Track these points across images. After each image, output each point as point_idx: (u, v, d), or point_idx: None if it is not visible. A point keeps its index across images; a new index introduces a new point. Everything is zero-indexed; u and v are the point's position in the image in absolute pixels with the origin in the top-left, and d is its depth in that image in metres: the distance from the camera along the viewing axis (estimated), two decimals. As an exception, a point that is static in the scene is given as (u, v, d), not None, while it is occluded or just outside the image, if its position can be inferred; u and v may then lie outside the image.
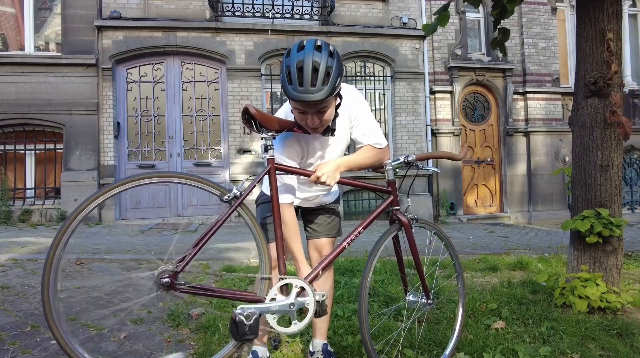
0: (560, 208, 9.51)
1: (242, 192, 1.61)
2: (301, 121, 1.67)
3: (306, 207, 2.03)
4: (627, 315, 2.76)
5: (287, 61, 1.56)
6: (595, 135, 2.93)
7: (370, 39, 8.64)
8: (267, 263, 1.67)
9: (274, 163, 1.69)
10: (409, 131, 8.79)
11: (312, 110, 1.59)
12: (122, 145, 7.88)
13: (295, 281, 1.67)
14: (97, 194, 1.49)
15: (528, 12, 9.47)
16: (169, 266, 1.51)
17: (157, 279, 1.48)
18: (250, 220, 1.66)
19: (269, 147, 1.67)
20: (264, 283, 1.66)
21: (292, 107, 1.67)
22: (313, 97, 1.51)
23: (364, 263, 4.00)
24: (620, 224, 2.81)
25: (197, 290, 1.59)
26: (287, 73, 1.55)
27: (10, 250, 4.73)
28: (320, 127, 1.69)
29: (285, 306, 1.62)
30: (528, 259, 4.32)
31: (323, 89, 1.52)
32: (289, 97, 1.56)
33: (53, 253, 1.41)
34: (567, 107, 9.53)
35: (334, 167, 1.74)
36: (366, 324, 1.74)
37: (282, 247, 1.70)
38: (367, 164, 1.88)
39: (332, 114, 1.69)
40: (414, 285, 2.12)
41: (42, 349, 2.20)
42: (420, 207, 8.61)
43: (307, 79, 1.50)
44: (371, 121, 1.87)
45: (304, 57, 1.52)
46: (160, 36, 7.86)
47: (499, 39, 3.52)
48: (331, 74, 1.53)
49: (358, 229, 1.83)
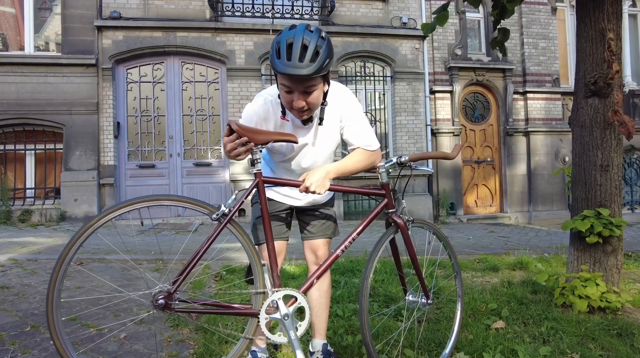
0: (560, 208, 9.51)
1: (231, 209, 1.60)
2: (287, 102, 1.65)
3: (300, 206, 2.01)
4: (627, 315, 2.76)
5: (277, 38, 1.57)
6: (595, 135, 2.93)
7: (370, 39, 8.64)
8: (260, 277, 1.66)
9: (261, 176, 1.68)
10: (409, 131, 8.79)
11: (299, 88, 1.58)
12: (122, 145, 7.89)
13: (289, 292, 1.67)
14: (92, 222, 1.50)
15: (528, 12, 9.46)
16: (164, 286, 1.54)
17: (153, 300, 1.53)
18: (242, 236, 1.65)
19: (255, 161, 1.66)
20: (258, 296, 1.65)
21: (279, 87, 1.65)
22: (300, 71, 1.51)
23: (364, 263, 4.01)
24: (620, 224, 2.81)
25: (192, 309, 1.67)
26: (276, 49, 1.55)
27: (10, 250, 4.73)
28: (306, 112, 1.66)
29: (279, 319, 1.64)
30: (528, 259, 4.32)
31: (311, 66, 1.52)
32: (276, 70, 1.55)
33: (57, 273, 1.42)
34: (567, 107, 9.53)
35: (322, 175, 1.71)
36: (367, 325, 1.74)
37: (275, 259, 1.69)
38: (358, 169, 1.83)
39: (319, 99, 1.67)
40: (414, 285, 2.12)
41: (42, 349, 2.20)
42: (420, 207, 8.62)
43: (295, 54, 1.51)
44: (363, 121, 1.84)
45: (295, 34, 1.54)
46: (160, 36, 7.86)
47: (499, 39, 3.52)
48: (320, 53, 1.54)
49: (352, 235, 1.82)
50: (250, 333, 1.66)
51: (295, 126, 1.79)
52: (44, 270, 3.88)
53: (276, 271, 1.68)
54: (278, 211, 1.97)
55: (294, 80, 1.55)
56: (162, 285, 1.55)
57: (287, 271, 3.86)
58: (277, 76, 1.61)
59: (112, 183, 7.55)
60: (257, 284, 1.65)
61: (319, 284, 1.95)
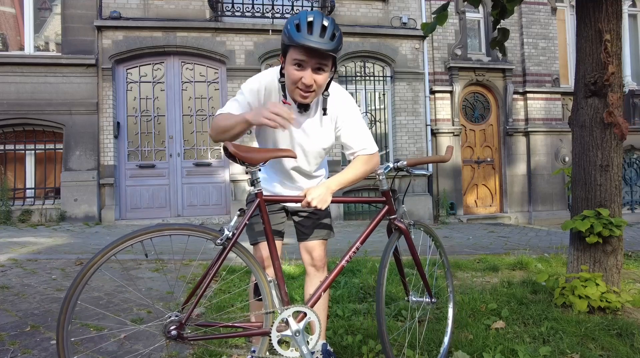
0: (560, 208, 9.51)
1: (235, 232, 1.58)
2: (294, 80, 1.62)
3: (294, 208, 1.99)
4: (627, 315, 2.76)
5: (294, 17, 1.59)
6: (595, 135, 2.93)
7: (370, 39, 8.64)
8: (268, 296, 1.65)
9: (262, 196, 1.66)
10: (408, 131, 8.79)
11: (313, 62, 1.58)
12: (122, 145, 7.89)
13: (298, 308, 1.67)
14: (105, 250, 1.47)
15: (528, 12, 9.46)
16: (175, 316, 1.53)
17: (165, 332, 1.52)
18: (247, 258, 1.64)
19: (255, 181, 1.65)
20: (268, 315, 1.65)
21: (287, 65, 1.63)
22: (320, 45, 1.53)
23: (364, 263, 4.01)
24: (620, 224, 2.81)
25: (206, 336, 1.68)
26: (295, 24, 1.55)
27: (10, 250, 4.74)
28: (310, 94, 1.65)
29: (290, 336, 1.65)
30: (528, 259, 4.32)
31: (330, 43, 1.55)
32: (296, 42, 1.53)
33: (67, 304, 1.42)
34: (567, 107, 9.53)
35: (324, 190, 1.69)
36: (385, 334, 1.76)
37: (282, 277, 1.69)
38: (359, 178, 1.81)
39: (325, 83, 1.67)
40: (415, 286, 2.13)
41: (42, 349, 2.20)
42: (420, 207, 8.62)
43: (316, 30, 1.54)
44: (361, 123, 1.82)
45: (315, 15, 1.56)
46: (160, 36, 7.86)
47: (499, 39, 3.52)
48: (336, 37, 1.57)
49: (356, 245, 1.82)
50: (263, 352, 1.66)
51: (297, 124, 1.78)
52: (44, 270, 3.88)
53: (284, 289, 1.68)
54: (273, 211, 1.95)
55: (310, 53, 1.56)
56: (173, 313, 1.53)
57: (287, 271, 3.86)
58: (286, 54, 1.62)
59: (112, 183, 7.55)
60: (266, 303, 1.65)
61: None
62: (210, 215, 7.89)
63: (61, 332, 1.41)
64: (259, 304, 1.74)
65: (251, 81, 1.75)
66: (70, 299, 1.42)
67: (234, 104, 1.71)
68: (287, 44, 1.59)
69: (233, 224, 1.58)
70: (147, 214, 7.79)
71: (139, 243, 1.51)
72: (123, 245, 1.49)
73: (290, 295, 3.04)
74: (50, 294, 3.16)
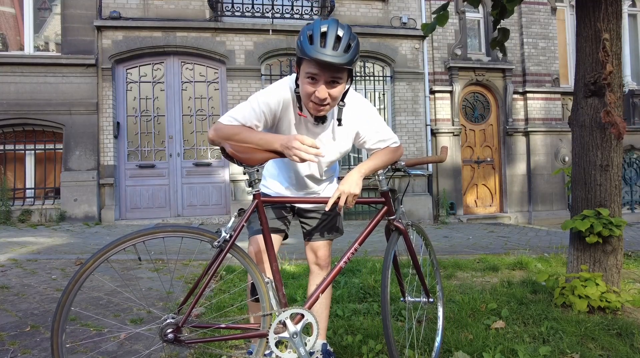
0: (560, 208, 9.52)
1: (232, 234, 1.57)
2: (308, 94, 1.59)
3: (302, 207, 1.99)
4: (627, 315, 2.76)
5: (307, 27, 1.54)
6: (595, 135, 2.93)
7: (370, 39, 8.63)
8: (266, 298, 1.65)
9: (260, 197, 1.64)
10: (408, 131, 8.79)
11: (326, 76, 1.54)
12: (121, 145, 7.88)
13: (295, 310, 1.66)
14: (100, 253, 1.46)
15: (528, 12, 9.47)
16: (172, 318, 1.52)
17: (161, 335, 1.51)
18: (244, 260, 1.63)
19: (253, 182, 1.62)
20: (266, 317, 1.65)
21: (301, 78, 1.59)
22: (333, 59, 1.48)
23: (363, 263, 4.02)
24: (620, 224, 2.81)
25: (203, 339, 1.68)
26: (308, 36, 1.51)
27: (10, 250, 4.74)
28: (325, 107, 1.62)
29: (288, 338, 1.64)
30: (528, 259, 4.32)
31: (344, 56, 1.50)
32: (309, 55, 1.49)
33: (62, 308, 1.41)
34: (567, 107, 9.53)
35: (356, 176, 1.69)
36: (391, 337, 1.75)
37: (280, 279, 1.67)
38: (385, 166, 1.83)
39: (340, 94, 1.63)
40: (411, 285, 2.13)
41: (42, 349, 2.20)
42: (420, 207, 8.62)
43: (330, 42, 1.49)
44: (381, 125, 1.81)
45: (329, 25, 1.51)
46: (160, 36, 7.86)
47: (499, 39, 3.52)
48: (351, 48, 1.52)
49: (354, 246, 1.81)
50: (260, 353, 1.66)
51: (309, 125, 1.75)
52: (43, 270, 3.88)
53: (281, 291, 1.67)
54: (278, 207, 1.94)
55: (323, 67, 1.51)
56: (169, 315, 1.53)
57: (287, 271, 3.86)
58: (299, 67, 1.58)
59: (111, 183, 7.55)
60: (264, 305, 1.64)
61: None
62: (210, 215, 7.89)
63: (55, 339, 1.40)
64: (257, 305, 1.74)
65: (269, 95, 1.67)
66: (64, 306, 1.40)
67: (250, 112, 1.64)
68: (300, 57, 1.56)
69: (230, 225, 1.57)
70: (147, 214, 7.79)
71: (131, 246, 1.50)
72: (115, 248, 1.47)
73: (290, 295, 3.05)
74: (50, 294, 3.16)
